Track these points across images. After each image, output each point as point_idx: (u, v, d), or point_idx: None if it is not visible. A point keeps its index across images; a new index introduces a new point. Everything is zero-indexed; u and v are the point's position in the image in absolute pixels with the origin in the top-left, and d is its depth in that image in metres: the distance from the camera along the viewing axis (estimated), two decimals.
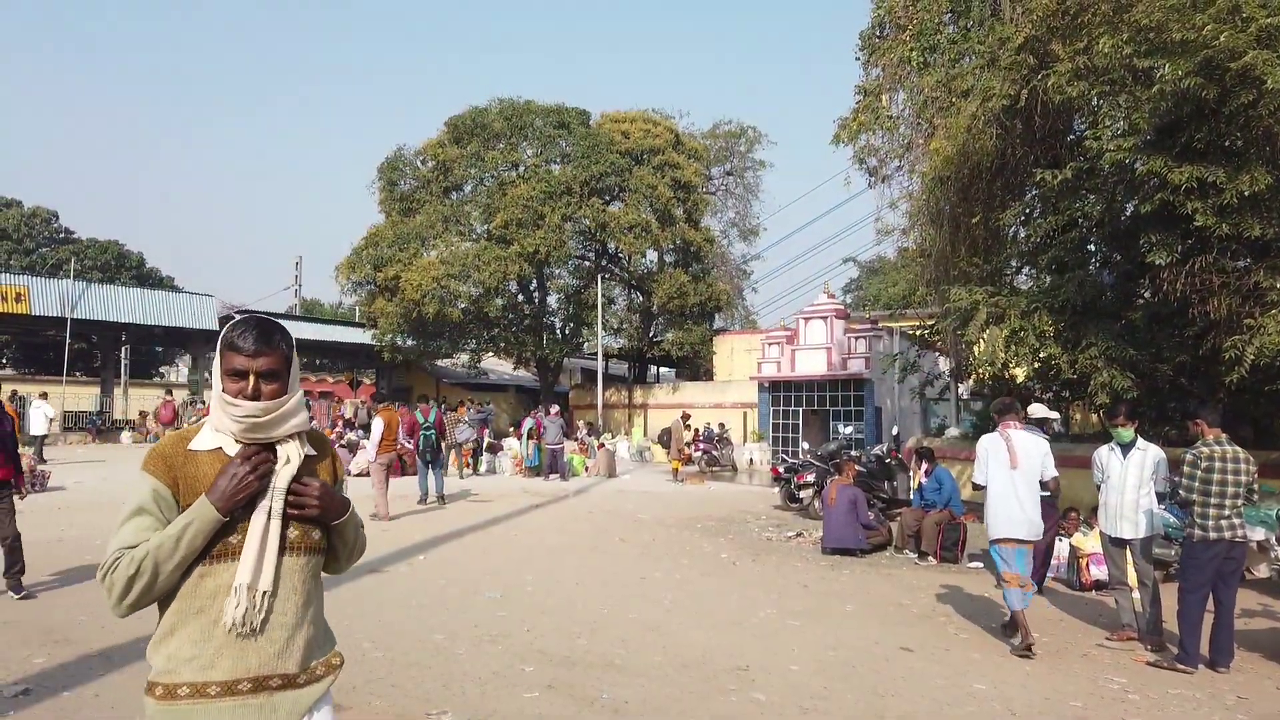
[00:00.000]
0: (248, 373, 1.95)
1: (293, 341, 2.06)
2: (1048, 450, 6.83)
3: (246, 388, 1.94)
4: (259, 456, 1.94)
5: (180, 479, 1.92)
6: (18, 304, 27.75)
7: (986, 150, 12.21)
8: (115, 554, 1.85)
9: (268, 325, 2.00)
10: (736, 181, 43.54)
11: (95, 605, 6.68)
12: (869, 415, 23.53)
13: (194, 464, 1.95)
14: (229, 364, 1.96)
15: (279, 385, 1.99)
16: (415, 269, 29.46)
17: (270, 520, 1.93)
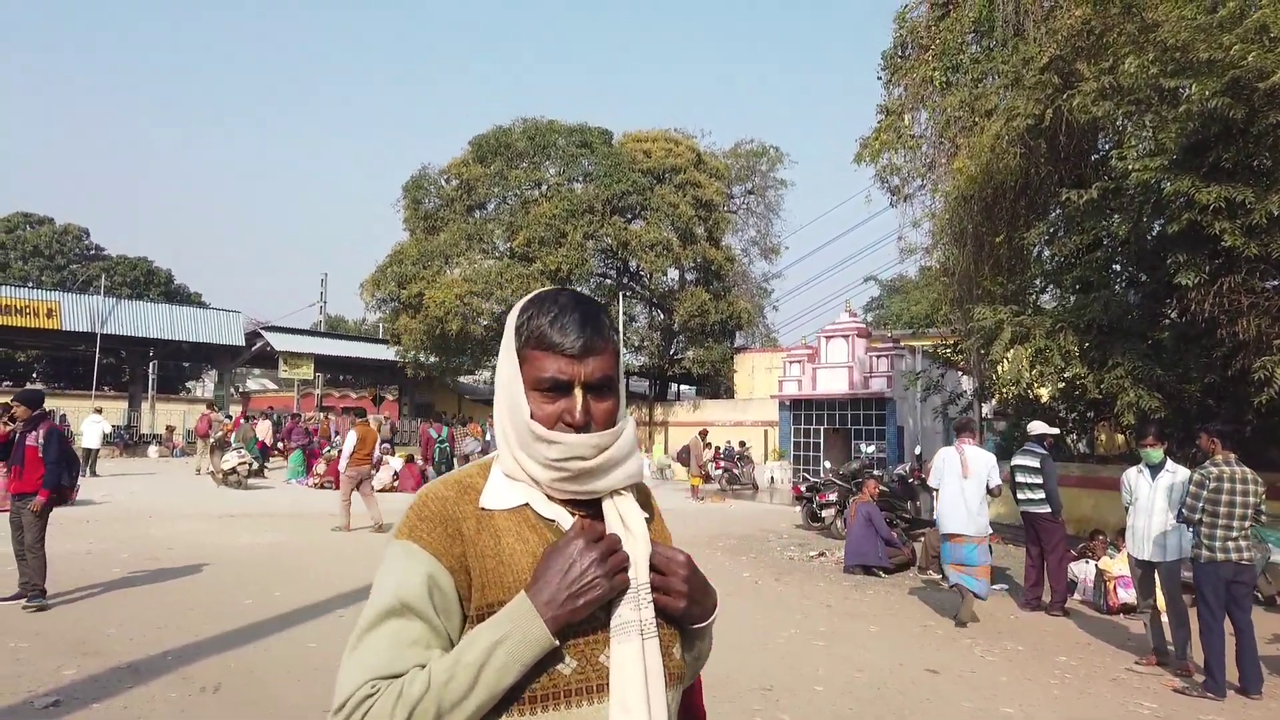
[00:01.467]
0: (571, 384, 1.25)
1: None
2: (994, 463, 7.99)
3: (572, 409, 1.25)
4: (609, 537, 1.23)
5: (471, 558, 1.22)
6: (49, 319, 28.18)
7: (1010, 169, 12.19)
8: (365, 687, 1.14)
9: (592, 307, 1.31)
10: (758, 200, 43.52)
11: (123, 617, 6.76)
12: (891, 434, 23.39)
13: (491, 533, 1.24)
14: (538, 370, 1.26)
15: (613, 402, 1.30)
16: (438, 286, 29.68)
17: (645, 643, 1.22)
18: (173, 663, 5.60)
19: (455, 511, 1.24)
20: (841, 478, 14.70)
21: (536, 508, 1.28)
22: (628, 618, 1.21)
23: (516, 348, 1.29)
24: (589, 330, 1.26)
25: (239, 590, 8.04)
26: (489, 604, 1.20)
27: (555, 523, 1.27)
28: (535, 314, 1.29)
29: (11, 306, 27.46)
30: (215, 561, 9.53)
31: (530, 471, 1.27)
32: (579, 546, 1.20)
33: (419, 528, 1.23)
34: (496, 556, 1.22)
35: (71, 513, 13.29)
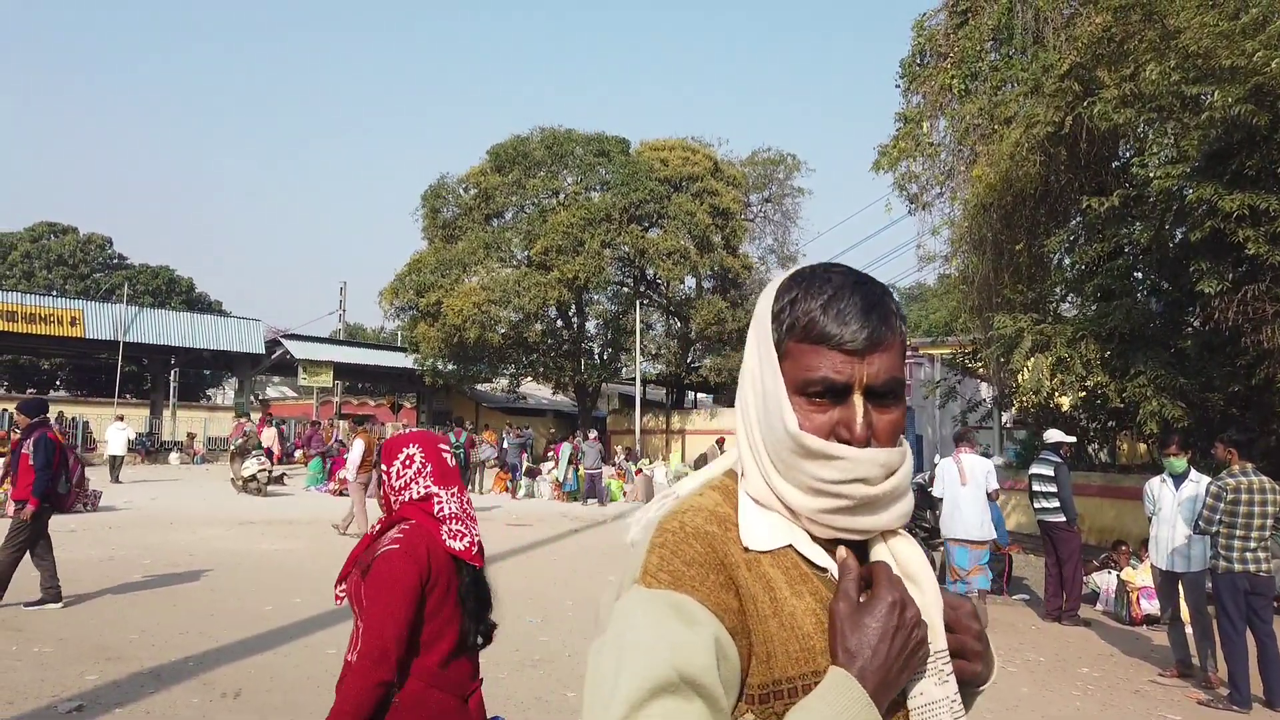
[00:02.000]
0: (849, 388, 0.98)
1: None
2: (991, 469, 8.39)
3: (850, 420, 0.97)
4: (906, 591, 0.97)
5: (752, 619, 0.94)
6: (73, 327, 28.51)
7: (1030, 177, 12.13)
8: None
9: (875, 288, 1.01)
10: (775, 208, 43.49)
11: (145, 623, 6.81)
12: (910, 442, 22.99)
13: (764, 584, 0.96)
14: (806, 369, 0.98)
15: (900, 413, 1.02)
16: (457, 295, 29.81)
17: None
18: (194, 668, 5.64)
19: (725, 554, 0.95)
20: None
21: (801, 550, 0.99)
22: (934, 695, 0.96)
23: (775, 339, 1.01)
24: (875, 318, 0.97)
25: (259, 596, 8.09)
26: (776, 681, 0.93)
27: (828, 573, 0.99)
28: (802, 296, 1.01)
29: (36, 314, 27.79)
30: (236, 568, 9.60)
31: (788, 499, 0.99)
32: (896, 605, 0.93)
33: (685, 574, 0.92)
34: (777, 617, 0.94)
35: (95, 519, 13.43)
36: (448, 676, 2.20)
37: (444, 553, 2.25)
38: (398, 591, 2.11)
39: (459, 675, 2.25)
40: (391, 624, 2.09)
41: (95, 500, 14.85)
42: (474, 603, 2.30)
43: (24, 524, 7.18)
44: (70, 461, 7.66)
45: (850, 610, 0.93)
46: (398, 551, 2.18)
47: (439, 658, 2.19)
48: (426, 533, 2.25)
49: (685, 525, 0.98)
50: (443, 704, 2.17)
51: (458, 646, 2.24)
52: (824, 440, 0.96)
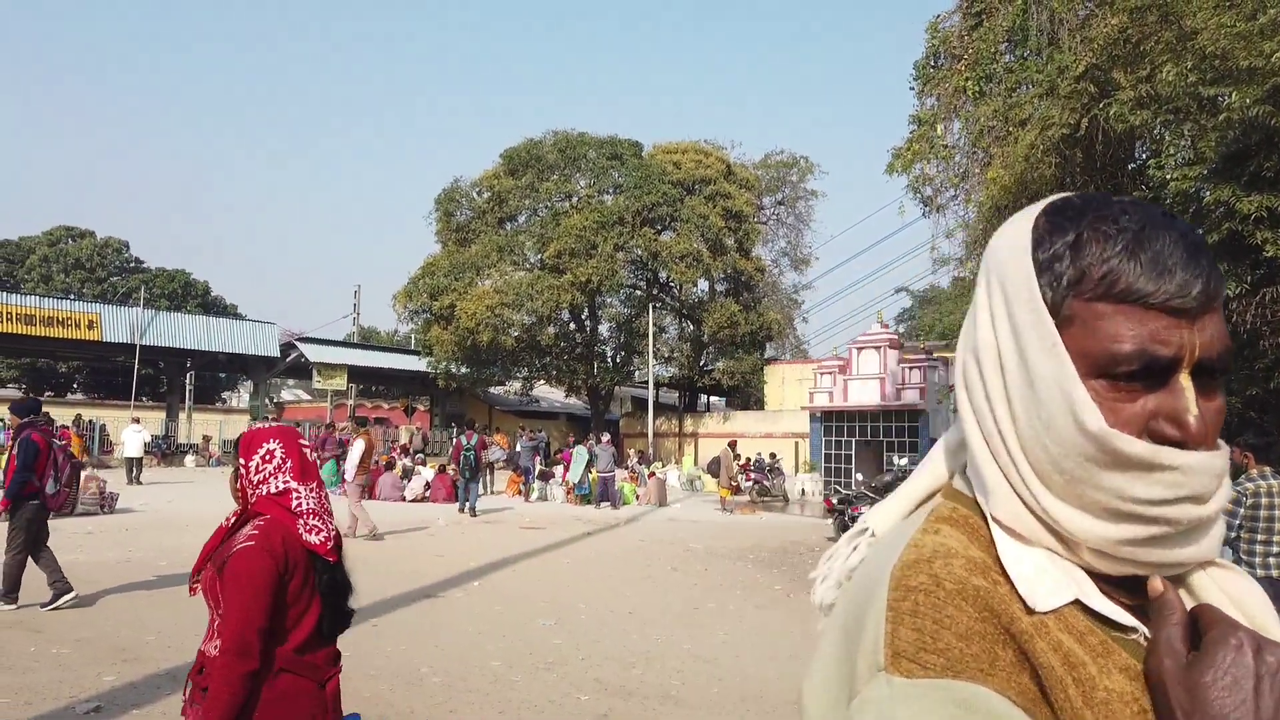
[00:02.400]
0: (1176, 364, 0.68)
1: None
2: None
3: (1179, 410, 0.68)
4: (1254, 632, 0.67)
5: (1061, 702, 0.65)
6: (90, 331, 28.76)
7: (1045, 179, 12.07)
8: None
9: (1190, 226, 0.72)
10: (788, 211, 43.46)
11: (162, 624, 6.85)
12: (924, 447, 23.16)
13: (1060, 655, 0.66)
14: (1117, 336, 0.68)
15: (1223, 398, 0.74)
16: (470, 298, 29.92)
17: None
18: None
19: (1007, 618, 0.67)
20: (874, 490, 14.59)
21: (1091, 604, 0.69)
22: None
23: (1051, 298, 0.71)
24: (1205, 264, 0.69)
25: None
26: None
27: (1136, 634, 0.70)
28: (1091, 235, 0.70)
29: (54, 318, 28.05)
30: None
31: (1070, 527, 0.70)
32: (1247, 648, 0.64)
33: (965, 653, 0.64)
34: (1090, 709, 0.64)
35: (111, 521, 13.53)
36: (305, 663, 2.29)
37: (300, 545, 2.33)
38: (257, 586, 2.19)
39: (316, 662, 2.33)
40: (252, 618, 2.17)
41: (112, 502, 14.95)
42: (330, 594, 2.37)
43: (20, 526, 7.27)
44: (60, 461, 7.67)
45: (1181, 669, 0.65)
46: (254, 548, 2.25)
47: (295, 645, 2.27)
48: (282, 526, 2.32)
49: (942, 580, 0.68)
50: (299, 688, 2.26)
51: (314, 634, 2.33)
52: (1147, 443, 0.67)
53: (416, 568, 10.27)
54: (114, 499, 15.05)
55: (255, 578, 2.20)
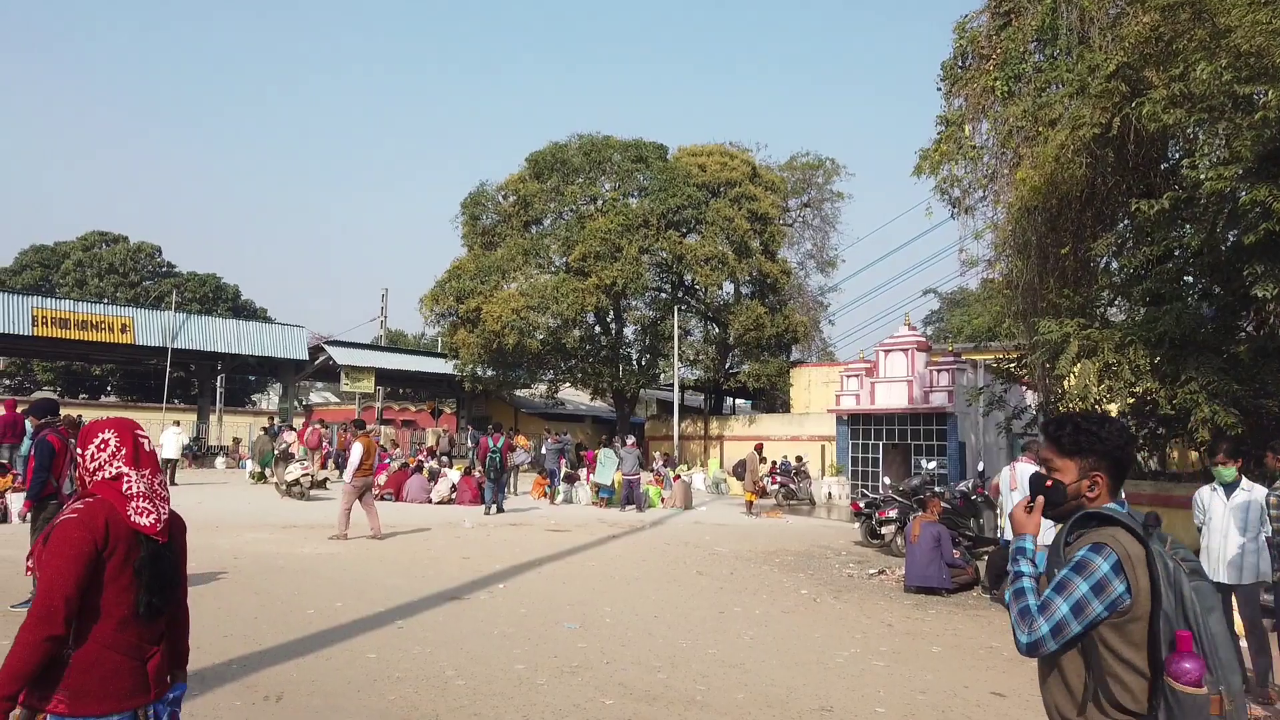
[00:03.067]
0: None
1: None
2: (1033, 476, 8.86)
3: None
4: None
5: None
6: (123, 334, 29.17)
7: (1076, 180, 11.91)
8: None
9: None
10: (814, 213, 43.31)
11: (191, 625, 6.90)
12: (952, 450, 22.96)
13: None
14: None
15: None
16: (496, 301, 30.03)
17: None
18: (237, 671, 5.71)
19: None
20: (902, 494, 14.45)
21: None
22: None
23: None
24: None
25: (302, 600, 8.18)
26: None
27: None
28: None
29: (88, 321, 28.49)
30: (279, 571, 9.72)
31: None
32: None
33: None
34: None
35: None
36: (124, 640, 2.39)
37: (126, 526, 2.45)
38: (70, 555, 2.32)
39: (136, 639, 2.43)
40: (61, 584, 2.29)
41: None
42: (151, 575, 2.47)
43: (43, 527, 7.34)
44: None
45: None
46: (74, 520, 2.40)
47: (115, 623, 2.39)
48: (109, 506, 2.46)
49: None
50: (118, 665, 2.37)
51: (134, 613, 2.42)
52: None
53: (442, 570, 10.31)
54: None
55: (70, 547, 2.34)
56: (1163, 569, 2.11)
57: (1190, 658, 2.04)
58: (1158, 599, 2.09)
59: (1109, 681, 2.15)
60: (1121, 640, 2.15)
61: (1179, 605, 2.09)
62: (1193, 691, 2.01)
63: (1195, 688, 2.02)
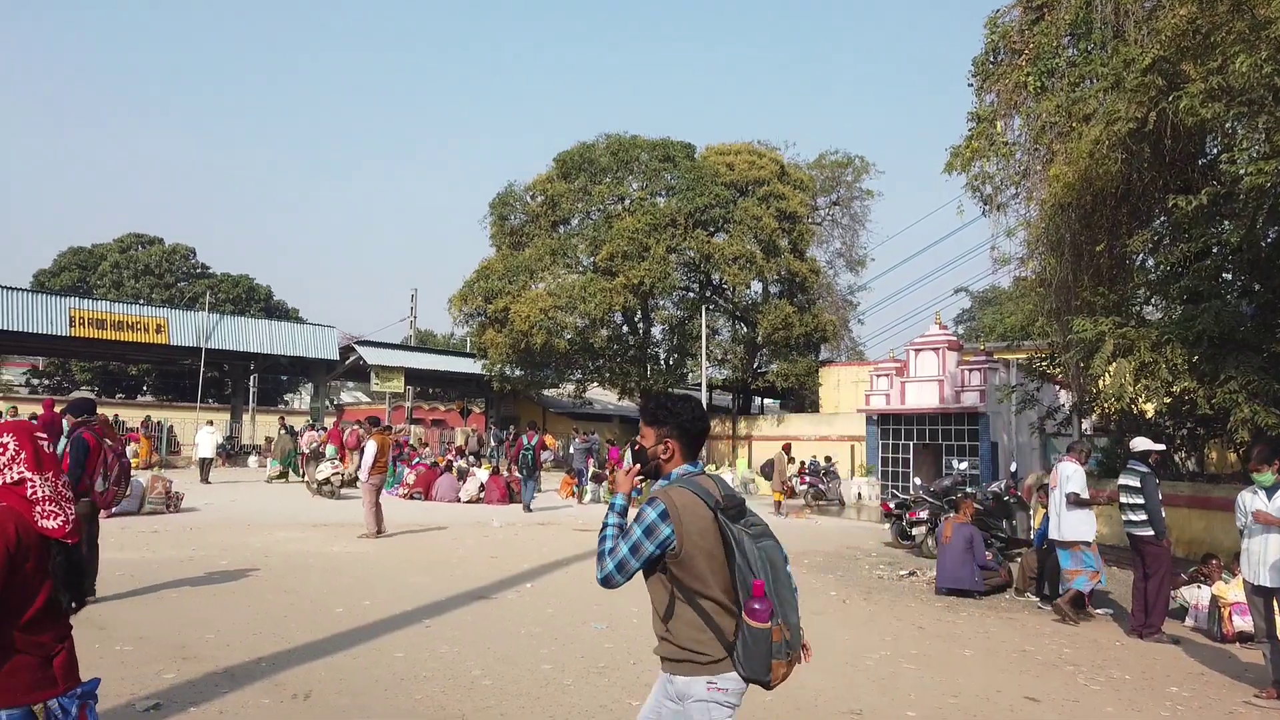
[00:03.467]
0: None
1: None
2: (1068, 474, 8.95)
3: None
4: None
5: None
6: (158, 335, 29.59)
7: (1111, 175, 11.71)
8: None
9: None
10: (843, 211, 42.99)
11: (221, 623, 6.97)
12: (984, 450, 22.67)
13: None
14: None
15: None
16: (524, 301, 30.11)
17: None
18: (266, 669, 5.74)
19: None
20: (933, 495, 14.28)
21: None
22: None
23: None
24: None
25: (330, 598, 8.22)
26: None
27: None
28: None
29: (124, 322, 28.93)
30: (309, 570, 9.79)
31: None
32: None
33: None
34: None
35: (177, 520, 13.87)
36: (31, 640, 2.42)
37: (34, 531, 2.48)
38: None
39: (43, 639, 2.46)
40: None
41: (178, 502, 15.34)
42: (64, 575, 2.50)
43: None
44: (109, 460, 7.85)
45: None
46: None
47: (23, 623, 2.41)
48: (15, 513, 2.46)
49: None
50: (19, 663, 2.41)
51: (44, 613, 2.46)
52: None
53: (470, 569, 10.33)
54: (179, 499, 15.44)
55: None
56: (728, 532, 2.68)
57: (760, 600, 2.60)
58: (730, 553, 2.67)
59: (677, 604, 2.75)
60: (684, 573, 2.73)
61: (746, 559, 2.63)
62: (759, 626, 2.60)
63: (762, 623, 2.59)
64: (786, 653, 2.66)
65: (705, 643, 2.71)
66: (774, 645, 2.63)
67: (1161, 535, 8.27)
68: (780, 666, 2.67)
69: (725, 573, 2.71)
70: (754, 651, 2.63)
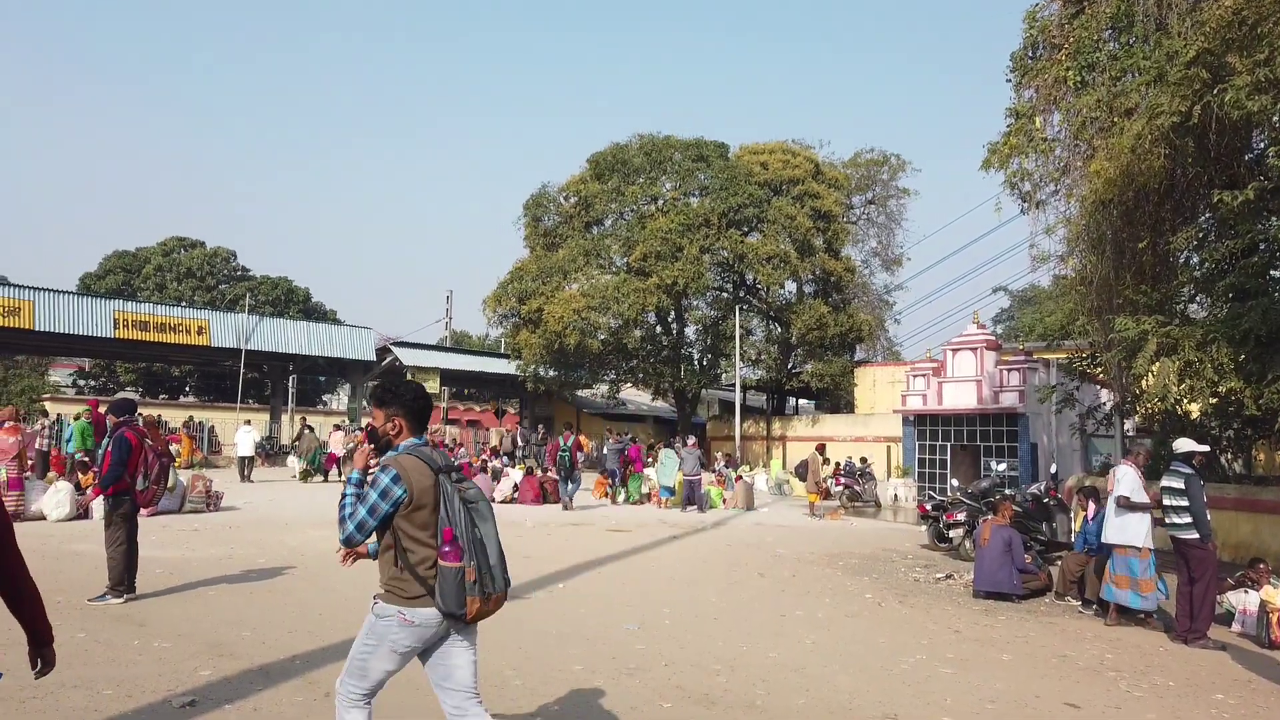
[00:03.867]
0: None
1: None
2: (1121, 475, 8.68)
3: None
4: None
5: None
6: (199, 336, 30.12)
7: (1154, 171, 11.46)
8: None
9: None
10: (879, 210, 42.62)
11: (257, 621, 7.05)
12: (1024, 451, 22.33)
13: None
14: None
15: None
16: (557, 301, 30.21)
17: None
18: (300, 667, 5.79)
19: None
20: (971, 496, 14.08)
21: None
22: None
23: None
24: None
25: (365, 598, 8.23)
26: None
27: None
28: None
29: (167, 324, 29.48)
30: (344, 569, 9.86)
31: None
32: None
33: None
34: None
35: (216, 518, 14.08)
36: None
37: None
38: None
39: None
40: None
41: (217, 501, 15.57)
42: None
43: (119, 522, 7.63)
44: (149, 459, 7.98)
45: None
46: None
47: None
48: None
49: None
50: None
51: None
52: None
53: None
54: (219, 497, 15.66)
55: None
56: (443, 490, 3.30)
57: (450, 544, 3.25)
58: (440, 507, 3.29)
59: (405, 552, 3.33)
60: (409, 524, 3.31)
61: (448, 512, 3.27)
62: (450, 566, 3.24)
63: (452, 563, 3.24)
64: (481, 591, 3.28)
65: (409, 582, 3.32)
66: (467, 584, 3.24)
67: (1207, 538, 8.07)
68: (475, 603, 3.27)
69: (434, 524, 3.31)
70: (448, 589, 3.24)
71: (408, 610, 3.31)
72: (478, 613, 3.32)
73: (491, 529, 3.39)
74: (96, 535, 8.13)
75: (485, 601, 3.30)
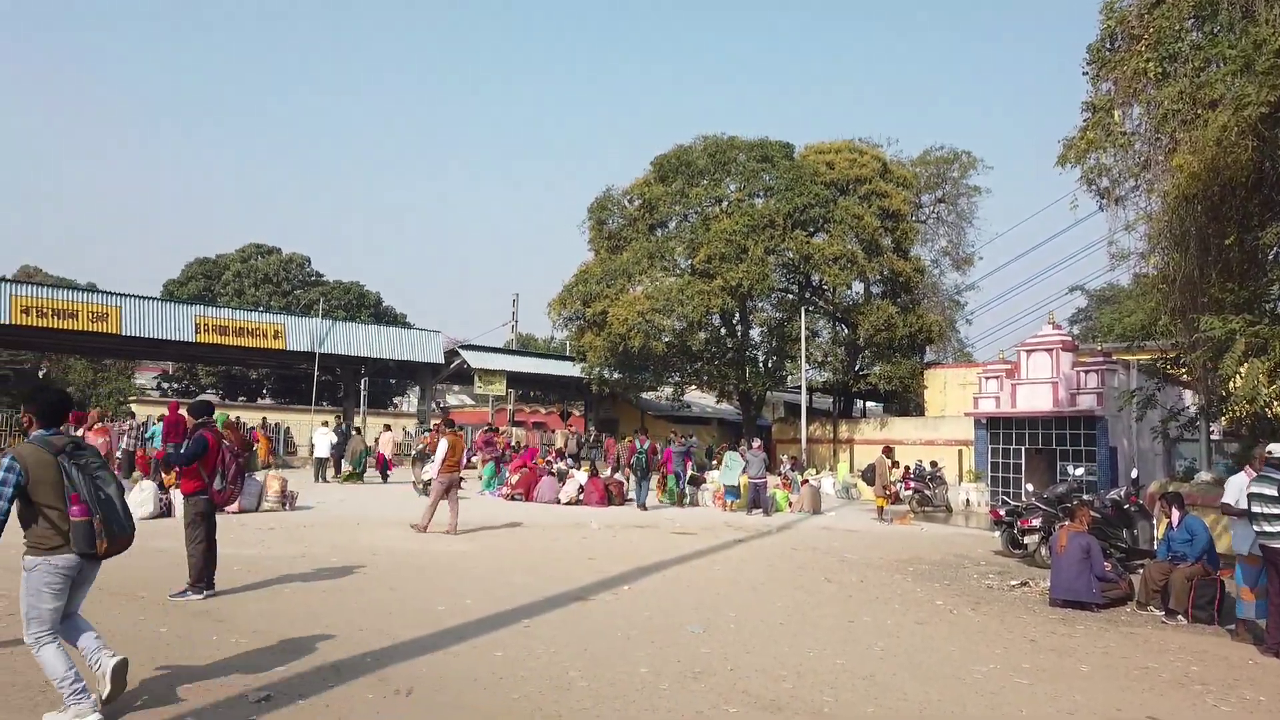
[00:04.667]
0: None
1: None
2: (1230, 484, 8.69)
3: None
4: None
5: None
6: (276, 340, 30.98)
7: (1241, 164, 10.99)
8: None
9: None
10: (949, 209, 41.79)
11: (330, 619, 7.20)
12: (1102, 456, 21.61)
13: None
14: None
15: None
16: (621, 304, 30.28)
17: None
18: (371, 664, 5.89)
19: None
20: (1046, 502, 13.67)
21: None
22: None
23: None
24: None
25: (433, 596, 8.40)
26: None
27: None
28: None
29: (245, 328, 30.40)
30: (413, 568, 10.04)
31: None
32: None
33: None
34: None
35: (291, 518, 14.45)
36: None
37: None
38: None
39: None
40: None
41: (293, 501, 15.98)
42: None
43: (196, 520, 7.89)
44: (226, 460, 8.22)
45: None
46: None
47: None
48: None
49: None
50: None
51: None
52: None
53: (569, 570, 10.41)
54: (294, 497, 16.08)
55: None
56: (63, 466, 4.44)
57: (77, 504, 4.43)
58: (61, 477, 4.43)
59: (40, 515, 4.42)
60: (35, 495, 4.40)
61: (71, 482, 4.43)
62: (80, 520, 4.42)
63: (81, 517, 4.42)
64: (107, 534, 4.50)
65: (48, 536, 4.43)
66: (96, 531, 4.45)
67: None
68: (103, 544, 4.49)
69: (61, 492, 4.43)
70: (79, 536, 4.42)
71: (52, 557, 4.43)
72: (106, 551, 4.52)
73: (115, 489, 4.64)
74: (178, 533, 8.40)
75: (113, 542, 4.54)
